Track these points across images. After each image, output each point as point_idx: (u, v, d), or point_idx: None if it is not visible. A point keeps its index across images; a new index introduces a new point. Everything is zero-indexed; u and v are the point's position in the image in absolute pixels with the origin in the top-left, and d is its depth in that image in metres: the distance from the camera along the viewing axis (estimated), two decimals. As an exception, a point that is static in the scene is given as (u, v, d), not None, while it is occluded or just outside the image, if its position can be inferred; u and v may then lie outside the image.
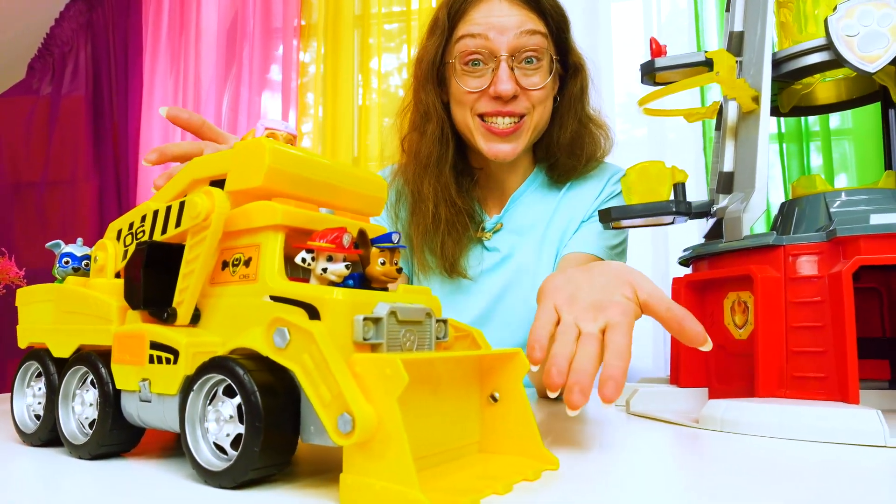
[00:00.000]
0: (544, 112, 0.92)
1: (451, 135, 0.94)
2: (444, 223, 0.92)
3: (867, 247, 0.53)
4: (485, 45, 0.87)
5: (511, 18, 0.88)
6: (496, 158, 0.90)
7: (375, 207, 0.47)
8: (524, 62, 0.88)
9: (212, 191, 0.38)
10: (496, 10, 0.89)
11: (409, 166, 0.96)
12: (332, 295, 0.34)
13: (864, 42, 0.59)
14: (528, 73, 0.88)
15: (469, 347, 0.43)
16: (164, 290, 0.39)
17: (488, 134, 0.90)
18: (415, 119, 0.96)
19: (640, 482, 0.37)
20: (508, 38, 0.87)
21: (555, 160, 0.96)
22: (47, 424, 0.43)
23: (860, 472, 0.39)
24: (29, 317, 0.47)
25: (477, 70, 0.89)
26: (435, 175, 0.92)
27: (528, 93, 0.88)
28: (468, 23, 0.89)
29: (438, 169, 0.92)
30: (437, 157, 0.92)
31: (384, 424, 0.30)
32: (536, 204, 0.98)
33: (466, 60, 0.89)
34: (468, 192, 0.96)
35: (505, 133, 0.89)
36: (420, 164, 0.93)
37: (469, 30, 0.89)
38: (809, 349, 0.56)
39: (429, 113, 0.93)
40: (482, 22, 0.88)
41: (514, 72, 0.87)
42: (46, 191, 1.87)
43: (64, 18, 1.97)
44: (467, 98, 0.90)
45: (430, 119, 0.93)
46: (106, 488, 0.35)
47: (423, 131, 0.93)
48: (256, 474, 0.33)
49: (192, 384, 0.36)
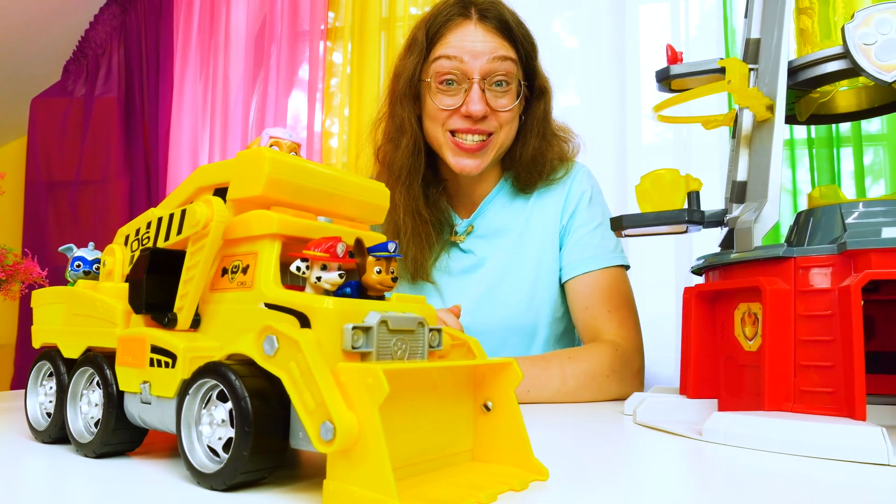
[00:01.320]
0: (510, 131, 1.00)
1: (422, 148, 1.01)
2: (410, 232, 0.99)
3: (878, 260, 0.52)
4: (459, 67, 0.94)
5: (485, 45, 0.95)
6: (462, 172, 0.98)
7: (377, 215, 0.48)
8: (494, 85, 0.95)
9: (211, 200, 0.39)
10: (471, 36, 0.96)
11: (381, 176, 1.04)
12: (322, 304, 0.35)
13: (881, 51, 0.58)
14: (498, 95, 0.96)
15: (465, 356, 0.44)
16: (165, 296, 0.40)
17: (457, 149, 0.97)
18: (389, 131, 1.03)
19: (627, 495, 0.36)
20: (481, 63, 0.94)
21: (517, 173, 1.04)
22: (57, 422, 0.45)
23: (858, 491, 0.39)
24: (42, 318, 0.49)
25: (451, 90, 0.96)
26: (406, 186, 0.99)
27: (496, 113, 0.96)
28: (445, 45, 0.96)
29: (409, 180, 1.00)
30: (409, 169, 0.99)
31: (365, 433, 0.30)
32: (506, 209, 1.05)
33: (441, 80, 0.96)
34: (436, 203, 1.03)
35: (472, 150, 0.96)
36: (393, 175, 1.00)
37: (445, 52, 0.96)
38: (818, 363, 0.55)
39: (403, 126, 1.00)
40: (458, 45, 0.95)
41: (485, 93, 0.95)
42: (79, 190, 1.93)
43: (98, 22, 2.02)
44: (440, 115, 0.96)
45: (404, 132, 1.00)
46: (100, 485, 0.36)
47: (398, 144, 1.00)
48: (245, 477, 0.34)
49: (189, 388, 0.37)
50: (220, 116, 1.97)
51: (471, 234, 1.04)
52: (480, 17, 0.97)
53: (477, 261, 1.03)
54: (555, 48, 1.86)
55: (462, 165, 0.97)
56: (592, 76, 1.76)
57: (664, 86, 0.75)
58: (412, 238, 1.00)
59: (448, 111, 0.96)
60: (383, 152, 1.05)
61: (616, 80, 1.73)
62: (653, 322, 1.07)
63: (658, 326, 1.48)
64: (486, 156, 0.98)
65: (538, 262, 1.02)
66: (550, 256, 1.03)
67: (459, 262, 1.04)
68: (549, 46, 1.88)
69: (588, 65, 1.78)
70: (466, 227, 1.04)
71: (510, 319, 1.01)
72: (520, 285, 1.01)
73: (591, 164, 1.12)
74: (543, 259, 1.03)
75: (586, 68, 1.78)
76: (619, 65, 1.74)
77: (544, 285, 1.02)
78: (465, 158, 0.97)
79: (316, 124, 1.93)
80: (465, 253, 1.04)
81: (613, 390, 0.89)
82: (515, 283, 1.01)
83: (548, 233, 1.03)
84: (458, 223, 1.06)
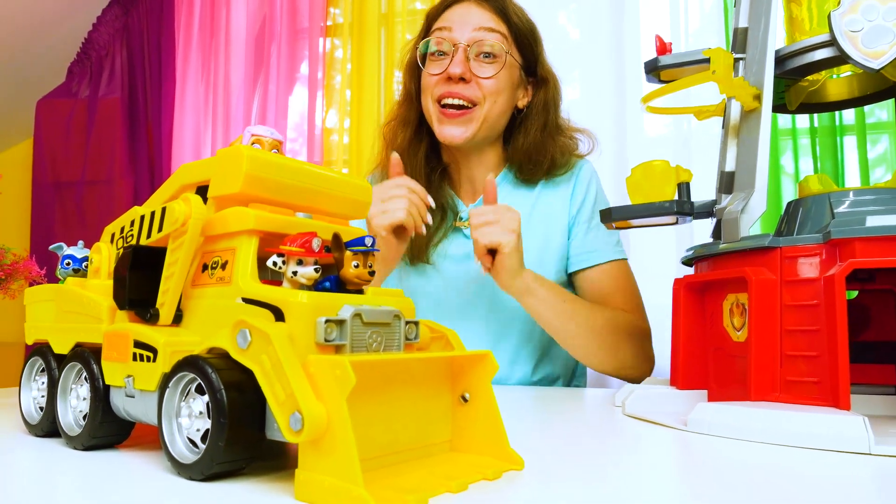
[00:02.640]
0: (497, 105, 1.00)
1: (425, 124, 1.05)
2: None
3: (862, 249, 0.52)
4: (448, 36, 0.99)
5: (474, 16, 0.99)
6: (446, 141, 1.00)
7: (358, 211, 0.48)
8: (482, 56, 0.98)
9: (190, 197, 0.40)
10: (464, 10, 1.01)
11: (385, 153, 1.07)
12: (296, 298, 0.36)
13: (868, 37, 0.58)
14: (483, 65, 0.98)
15: (444, 348, 0.44)
16: (147, 292, 0.41)
17: (441, 117, 1.00)
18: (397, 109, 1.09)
19: (598, 483, 0.37)
20: (468, 32, 0.98)
21: (519, 164, 1.05)
22: (48, 416, 0.46)
23: (839, 480, 0.39)
24: (34, 315, 0.50)
25: (440, 59, 1.00)
26: (408, 161, 1.02)
27: (479, 81, 0.98)
28: (442, 20, 1.02)
29: (411, 153, 1.03)
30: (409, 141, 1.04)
31: (333, 423, 0.31)
32: (510, 197, 1.06)
33: (433, 50, 1.00)
34: (439, 186, 1.05)
35: (454, 116, 0.98)
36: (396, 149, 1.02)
37: (439, 24, 1.01)
38: (804, 353, 0.55)
39: (407, 100, 1.06)
40: (450, 18, 1.00)
41: (470, 62, 0.98)
42: (85, 190, 1.95)
43: (101, 23, 2.04)
44: (430, 82, 1.00)
45: (409, 107, 1.06)
46: (84, 477, 0.37)
47: (404, 120, 1.06)
48: (221, 468, 0.35)
49: (169, 381, 0.38)
50: (222, 115, 1.98)
51: None
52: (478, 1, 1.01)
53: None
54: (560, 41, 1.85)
55: (446, 134, 0.99)
56: (593, 68, 1.76)
57: (654, 76, 0.75)
58: None
59: (435, 77, 0.99)
60: (388, 129, 1.09)
61: (617, 73, 1.73)
62: (653, 314, 1.07)
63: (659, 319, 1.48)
64: (471, 125, 0.99)
65: (541, 250, 1.03)
66: (555, 245, 1.04)
67: (462, 247, 1.05)
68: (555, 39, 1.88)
69: (589, 57, 1.77)
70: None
71: (507, 310, 1.01)
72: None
73: (592, 157, 1.13)
74: (547, 247, 1.04)
75: (587, 60, 1.77)
76: (619, 57, 1.74)
77: (549, 271, 1.02)
78: (448, 126, 0.99)
79: (317, 121, 1.94)
80: (468, 239, 1.04)
81: (628, 355, 0.96)
82: None
83: (553, 223, 1.05)
84: (463, 209, 1.07)
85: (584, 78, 1.78)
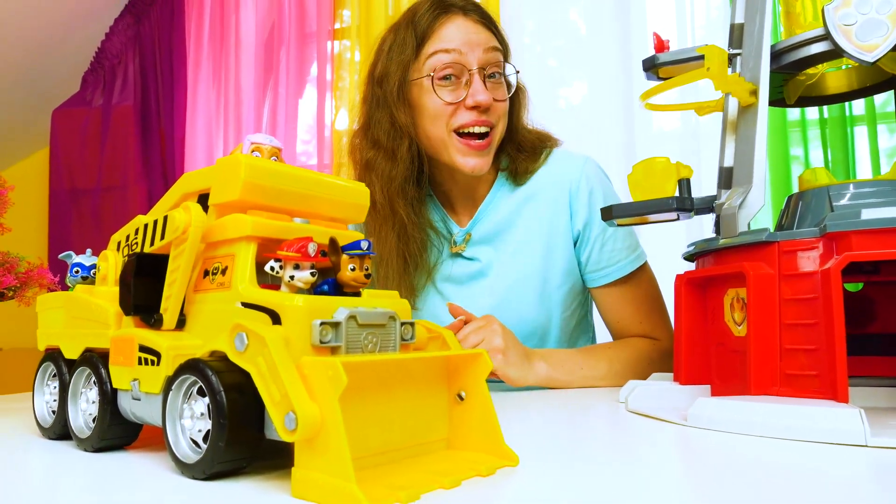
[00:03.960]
0: (505, 125, 0.98)
1: (416, 154, 0.96)
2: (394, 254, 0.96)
3: (858, 242, 0.52)
4: (458, 59, 0.92)
5: (478, 36, 0.94)
6: (472, 172, 0.95)
7: (356, 214, 0.49)
8: (490, 77, 0.94)
9: (190, 206, 0.41)
10: (464, 28, 0.94)
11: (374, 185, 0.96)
12: (292, 301, 0.37)
13: (862, 31, 0.58)
14: (495, 86, 0.95)
15: (440, 348, 0.45)
16: (151, 298, 0.43)
17: (466, 149, 0.94)
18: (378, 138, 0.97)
19: (591, 478, 0.38)
20: (478, 54, 0.93)
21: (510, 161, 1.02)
22: (60, 420, 0.48)
23: (835, 471, 0.39)
24: (45, 321, 0.52)
25: (450, 84, 0.93)
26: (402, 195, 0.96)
27: (495, 105, 0.94)
28: (439, 40, 0.93)
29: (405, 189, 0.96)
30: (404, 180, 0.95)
31: (327, 423, 0.32)
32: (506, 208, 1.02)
33: (441, 75, 0.92)
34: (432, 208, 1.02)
35: (480, 147, 0.94)
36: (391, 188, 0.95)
37: (442, 46, 0.93)
38: (803, 346, 0.55)
39: (401, 132, 0.95)
40: (453, 38, 0.93)
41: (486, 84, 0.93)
42: (101, 196, 1.99)
43: (113, 33, 2.08)
44: (443, 112, 0.93)
45: (401, 139, 0.95)
46: (91, 477, 0.39)
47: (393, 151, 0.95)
48: (223, 467, 0.36)
49: (172, 384, 0.39)
50: (233, 120, 2.01)
51: (470, 242, 1.02)
52: (464, 12, 0.96)
53: (483, 267, 1.01)
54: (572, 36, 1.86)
55: (472, 165, 0.94)
56: (601, 63, 1.76)
57: (652, 74, 0.75)
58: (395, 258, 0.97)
59: (452, 106, 0.92)
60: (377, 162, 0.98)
61: (625, 68, 1.73)
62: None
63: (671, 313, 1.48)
64: (490, 151, 0.96)
65: (546, 262, 1.00)
66: (560, 255, 1.00)
67: (465, 269, 1.02)
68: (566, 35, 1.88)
69: (597, 52, 1.77)
70: (464, 235, 1.02)
71: (522, 322, 0.98)
72: (529, 287, 0.99)
73: (600, 152, 1.11)
74: (552, 258, 1.00)
75: (596, 55, 1.77)
76: (627, 52, 1.74)
77: (554, 285, 1.00)
78: (473, 157, 0.94)
79: (326, 123, 1.96)
80: (469, 260, 1.02)
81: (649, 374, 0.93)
82: (524, 285, 0.99)
83: (555, 231, 1.00)
84: (456, 232, 1.03)
85: (593, 73, 1.78)
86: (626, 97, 1.71)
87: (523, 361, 0.85)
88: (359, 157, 1.01)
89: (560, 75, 1.88)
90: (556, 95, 1.85)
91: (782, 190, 1.60)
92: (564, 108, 1.86)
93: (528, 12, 1.86)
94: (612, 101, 1.72)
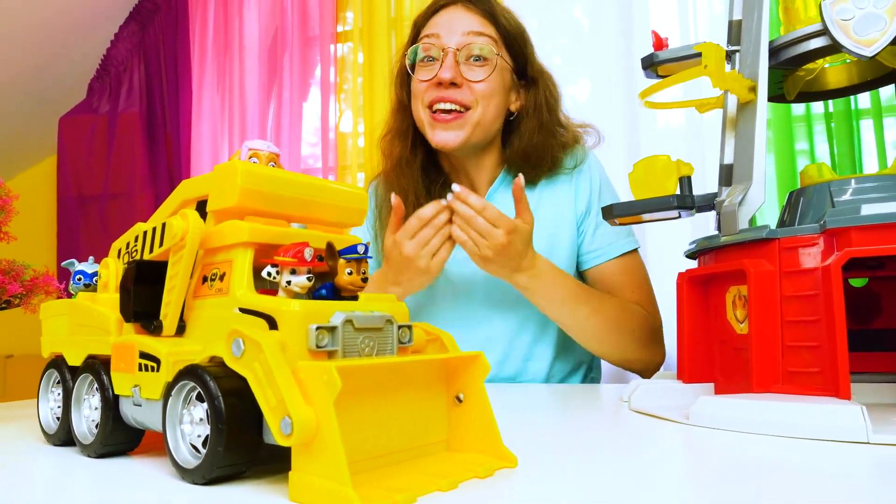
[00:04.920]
0: (490, 109, 1.00)
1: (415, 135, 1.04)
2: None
3: (858, 238, 0.52)
4: (437, 42, 0.99)
5: (461, 22, 0.99)
6: (440, 146, 0.99)
7: (355, 218, 0.49)
8: (472, 59, 0.98)
9: (188, 213, 0.42)
10: (451, 15, 1.01)
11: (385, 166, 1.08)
12: (288, 307, 0.37)
13: (860, 25, 0.57)
14: (474, 68, 0.98)
15: (439, 350, 0.45)
16: (151, 305, 0.43)
17: (434, 123, 0.99)
18: (392, 122, 1.08)
19: (589, 479, 0.38)
20: (457, 37, 0.98)
21: (517, 166, 1.04)
22: (64, 426, 0.48)
23: (837, 469, 0.39)
24: (49, 329, 0.52)
25: (429, 65, 0.99)
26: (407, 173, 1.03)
27: (471, 85, 0.98)
28: (428, 27, 1.02)
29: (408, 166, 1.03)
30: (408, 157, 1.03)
31: (322, 427, 0.32)
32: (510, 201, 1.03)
33: (422, 57, 1.00)
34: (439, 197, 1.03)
35: (447, 121, 0.98)
36: (392, 161, 1.05)
37: (427, 31, 1.01)
38: (804, 343, 0.55)
39: (400, 110, 1.05)
40: (439, 24, 1.00)
41: (461, 66, 0.97)
42: (108, 203, 2.00)
43: (118, 40, 2.09)
44: (420, 88, 1.00)
45: (400, 115, 1.05)
46: (93, 483, 0.39)
47: (398, 131, 1.05)
48: (222, 472, 0.36)
49: (171, 389, 0.39)
50: (238, 125, 2.02)
51: None
52: (464, 3, 1.01)
53: None
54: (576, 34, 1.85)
55: (438, 139, 0.99)
56: (604, 60, 1.75)
57: (651, 72, 0.75)
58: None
59: (425, 83, 0.99)
60: (384, 141, 1.09)
61: (627, 64, 1.72)
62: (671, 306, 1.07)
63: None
64: (464, 129, 0.98)
65: (549, 251, 1.03)
66: (564, 244, 1.04)
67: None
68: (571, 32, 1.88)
69: (600, 49, 1.77)
70: None
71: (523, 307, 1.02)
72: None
73: (604, 150, 1.12)
74: (555, 247, 1.04)
75: (599, 52, 1.77)
76: (629, 49, 1.73)
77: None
78: (441, 131, 0.99)
79: (331, 126, 1.96)
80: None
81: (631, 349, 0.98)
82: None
83: (560, 221, 1.05)
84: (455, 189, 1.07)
85: (597, 70, 1.77)
86: (630, 94, 1.70)
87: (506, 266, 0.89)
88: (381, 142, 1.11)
89: (565, 73, 1.87)
90: (562, 94, 1.85)
91: (788, 185, 1.59)
92: (571, 106, 1.85)
93: (532, 10, 1.86)
94: (617, 99, 1.71)
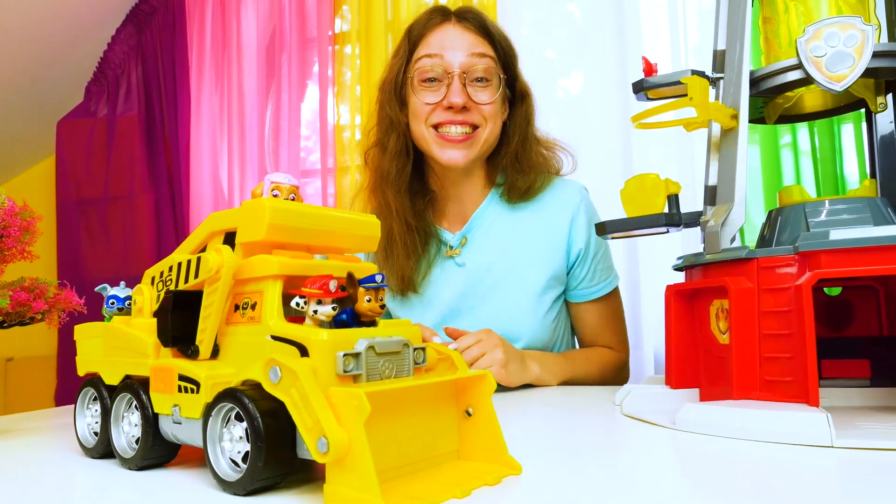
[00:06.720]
0: (495, 128, 1.03)
1: (410, 149, 1.05)
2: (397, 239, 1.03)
3: (827, 261, 0.57)
4: (440, 63, 1.00)
5: (463, 41, 1.01)
6: (449, 164, 1.01)
7: (369, 245, 0.54)
8: (476, 81, 1.00)
9: (222, 248, 0.46)
10: (450, 34, 1.02)
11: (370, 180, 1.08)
12: (318, 336, 0.42)
13: (831, 62, 0.62)
14: (479, 89, 1.01)
15: (448, 368, 0.50)
16: (188, 331, 0.47)
17: (442, 142, 1.01)
18: (378, 135, 1.08)
19: (592, 484, 0.42)
20: (460, 58, 1.00)
21: (506, 179, 1.07)
22: (103, 440, 0.52)
23: (803, 471, 0.44)
24: (85, 349, 0.56)
25: (433, 86, 1.01)
26: (394, 188, 1.04)
27: (479, 107, 1.00)
28: (426, 45, 1.02)
29: (398, 182, 1.04)
30: (396, 172, 1.04)
31: (354, 446, 0.37)
32: (499, 222, 1.07)
33: (424, 78, 1.01)
34: (422, 215, 1.06)
35: (457, 141, 1.00)
36: (380, 178, 1.05)
37: (426, 51, 1.01)
38: (779, 355, 0.60)
39: (391, 127, 1.05)
40: (437, 44, 1.01)
41: (466, 88, 0.99)
42: (108, 206, 2.03)
43: (116, 42, 2.11)
44: (423, 111, 1.01)
45: (391, 132, 1.04)
46: (143, 494, 0.43)
47: (386, 145, 1.05)
48: (261, 484, 0.41)
49: (211, 410, 0.44)
50: (237, 127, 2.04)
51: (465, 246, 1.07)
52: (459, 20, 1.03)
53: (474, 275, 1.06)
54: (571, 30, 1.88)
55: (448, 157, 1.01)
56: (597, 54, 1.77)
57: (642, 95, 0.80)
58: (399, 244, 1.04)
59: (431, 106, 1.00)
60: (371, 155, 1.09)
61: (620, 59, 1.74)
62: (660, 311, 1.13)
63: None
64: (473, 148, 1.01)
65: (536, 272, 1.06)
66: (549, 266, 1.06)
67: (455, 275, 1.07)
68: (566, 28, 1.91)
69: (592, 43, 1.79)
70: (460, 239, 1.07)
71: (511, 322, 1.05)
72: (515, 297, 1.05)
73: (599, 143, 1.15)
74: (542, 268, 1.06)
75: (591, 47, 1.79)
76: (621, 43, 1.75)
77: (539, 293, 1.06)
78: (450, 150, 1.01)
79: (328, 128, 2.00)
80: (459, 267, 1.07)
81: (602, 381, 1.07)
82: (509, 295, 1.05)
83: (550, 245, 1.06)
84: (450, 237, 1.08)
85: (590, 63, 1.80)
86: (622, 86, 1.72)
87: (520, 368, 0.93)
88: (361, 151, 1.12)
89: (559, 66, 1.91)
90: (555, 87, 1.89)
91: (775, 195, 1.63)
92: (564, 98, 1.89)
93: (526, 3, 1.89)
94: (610, 91, 1.73)
